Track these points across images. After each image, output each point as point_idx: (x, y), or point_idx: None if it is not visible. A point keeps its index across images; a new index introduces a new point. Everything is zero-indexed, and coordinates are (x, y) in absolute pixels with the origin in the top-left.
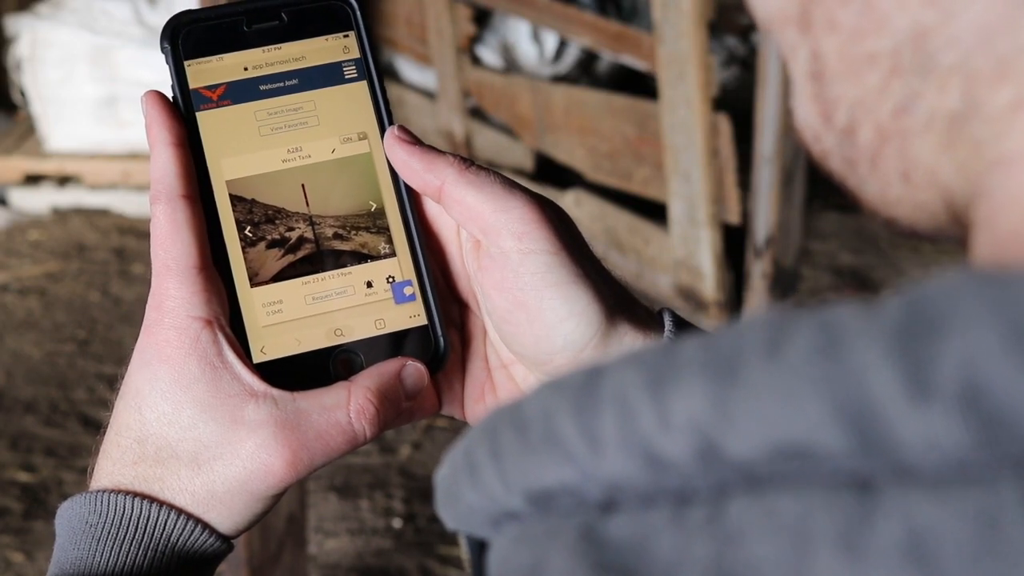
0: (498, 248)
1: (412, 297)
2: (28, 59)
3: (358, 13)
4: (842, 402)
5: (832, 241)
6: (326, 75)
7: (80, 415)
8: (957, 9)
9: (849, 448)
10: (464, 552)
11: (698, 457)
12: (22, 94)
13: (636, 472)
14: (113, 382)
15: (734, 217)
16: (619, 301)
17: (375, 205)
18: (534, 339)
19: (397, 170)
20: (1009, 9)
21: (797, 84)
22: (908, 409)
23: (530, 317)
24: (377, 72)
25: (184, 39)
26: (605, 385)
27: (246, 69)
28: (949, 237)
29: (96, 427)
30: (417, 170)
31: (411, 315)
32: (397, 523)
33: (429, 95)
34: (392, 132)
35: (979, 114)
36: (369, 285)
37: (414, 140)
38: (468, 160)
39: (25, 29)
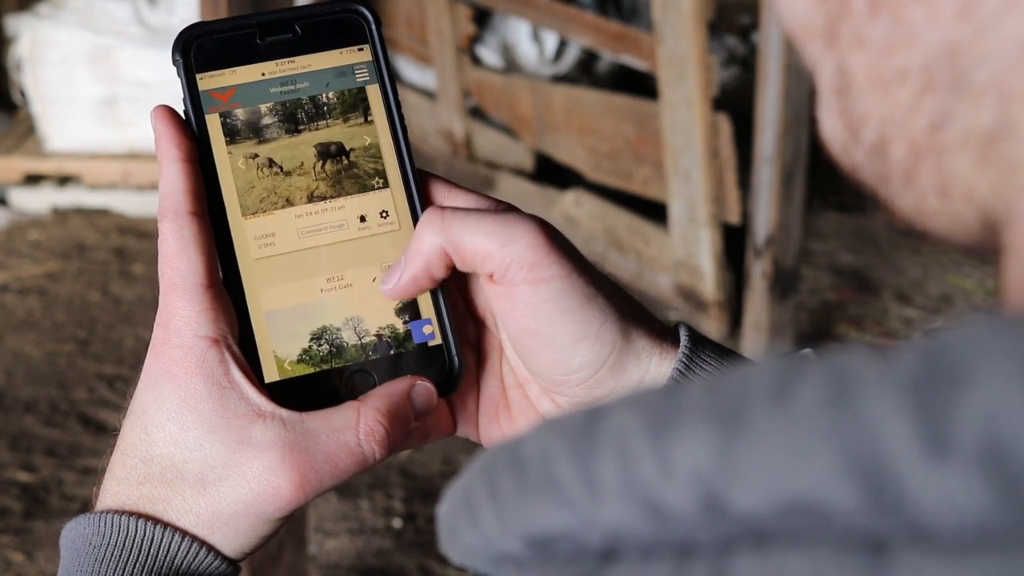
0: (508, 281)
1: (431, 336)
2: (28, 59)
3: (374, 26)
4: (854, 456)
5: (832, 241)
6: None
7: (80, 415)
8: (990, 26)
9: (861, 506)
10: None
11: (701, 508)
12: (22, 94)
13: (636, 521)
14: (113, 382)
15: (734, 217)
16: (633, 316)
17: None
18: (550, 362)
19: (410, 295)
20: None
21: (823, 97)
22: (924, 467)
23: (544, 342)
24: (392, 86)
25: (196, 51)
26: (605, 428)
27: None
28: (986, 251)
29: (96, 427)
30: (420, 277)
31: (427, 334)
32: (397, 523)
33: (429, 95)
34: (384, 291)
35: (1013, 134)
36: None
37: (395, 277)
38: (439, 208)
39: (25, 29)
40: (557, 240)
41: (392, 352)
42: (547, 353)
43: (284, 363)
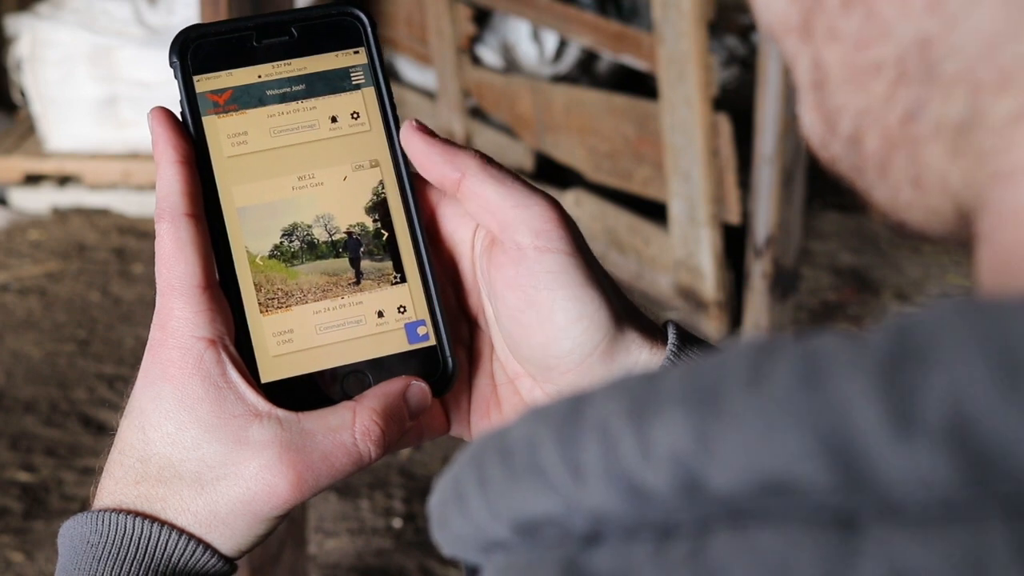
0: (515, 244)
1: (425, 337)
2: (28, 59)
3: (369, 29)
4: (824, 435)
5: (832, 241)
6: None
7: (80, 415)
8: (959, 18)
9: (832, 483)
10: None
11: (680, 489)
12: (22, 94)
13: (619, 503)
14: (113, 382)
15: (734, 217)
16: (627, 310)
17: (386, 233)
18: (543, 341)
19: (414, 161)
20: (1011, 19)
21: (800, 92)
22: (892, 444)
23: (540, 317)
24: (387, 89)
25: (193, 53)
26: (588, 414)
27: None
28: (960, 241)
29: (96, 427)
30: (437, 162)
31: (421, 335)
32: (397, 523)
33: (429, 95)
34: (411, 123)
35: (983, 124)
36: (380, 315)
37: (432, 133)
38: (488, 156)
39: (25, 29)
40: (567, 221)
41: (386, 354)
42: (542, 331)
43: (256, 258)
